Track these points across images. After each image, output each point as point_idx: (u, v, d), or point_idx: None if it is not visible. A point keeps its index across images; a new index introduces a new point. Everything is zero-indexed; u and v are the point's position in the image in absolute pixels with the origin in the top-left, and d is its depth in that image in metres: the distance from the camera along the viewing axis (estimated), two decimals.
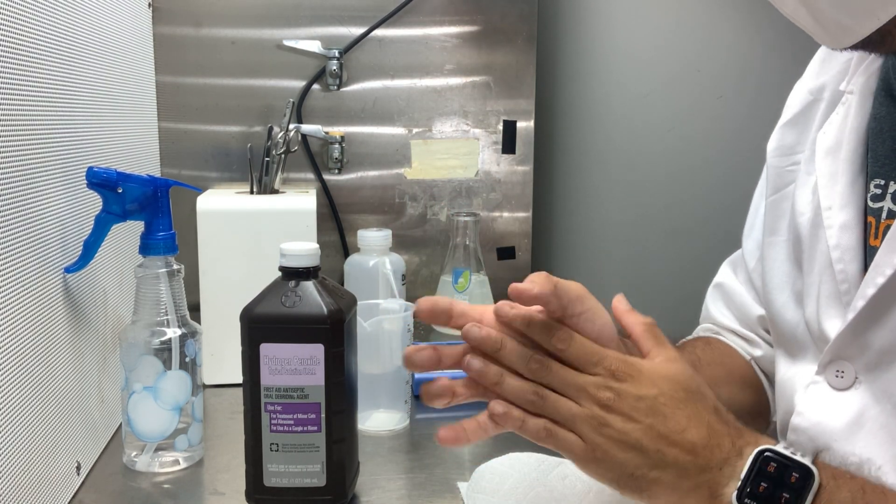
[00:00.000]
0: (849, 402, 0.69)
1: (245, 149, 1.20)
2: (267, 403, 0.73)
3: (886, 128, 0.69)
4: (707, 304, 0.91)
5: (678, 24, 1.46)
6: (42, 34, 0.74)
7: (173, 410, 0.83)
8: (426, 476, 0.84)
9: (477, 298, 1.20)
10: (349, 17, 1.28)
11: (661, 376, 0.61)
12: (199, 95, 1.27)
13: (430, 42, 1.31)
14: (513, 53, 1.32)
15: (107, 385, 0.89)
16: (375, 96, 1.31)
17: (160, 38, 1.23)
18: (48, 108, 0.75)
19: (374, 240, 1.15)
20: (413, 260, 1.35)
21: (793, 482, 0.59)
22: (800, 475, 0.59)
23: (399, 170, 1.33)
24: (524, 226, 1.37)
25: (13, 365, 0.65)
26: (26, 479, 0.67)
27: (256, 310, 0.73)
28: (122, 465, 0.85)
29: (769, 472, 0.59)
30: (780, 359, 0.79)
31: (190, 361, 0.84)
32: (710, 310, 0.90)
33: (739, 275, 0.88)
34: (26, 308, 0.68)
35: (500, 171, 1.35)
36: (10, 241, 0.66)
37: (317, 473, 0.74)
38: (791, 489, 0.58)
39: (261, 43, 1.27)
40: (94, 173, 0.79)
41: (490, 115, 1.33)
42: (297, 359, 0.72)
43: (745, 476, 0.59)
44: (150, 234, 0.82)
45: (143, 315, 0.82)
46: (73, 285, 0.79)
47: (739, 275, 0.88)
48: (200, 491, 0.81)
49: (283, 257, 0.75)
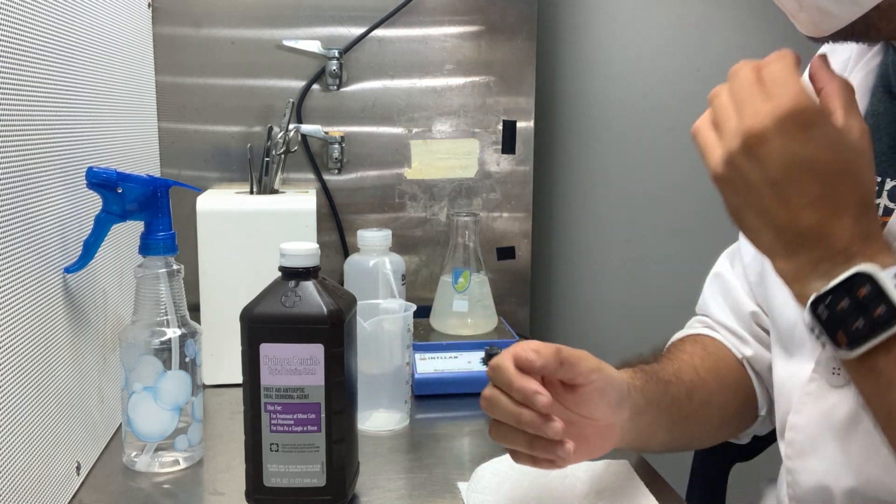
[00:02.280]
0: (845, 399, 0.69)
1: (245, 149, 1.20)
2: (267, 403, 0.73)
3: (884, 124, 0.69)
4: (705, 296, 0.92)
5: (678, 24, 1.46)
6: (42, 34, 0.74)
7: (173, 410, 0.83)
8: (426, 476, 0.84)
9: (477, 298, 1.20)
10: (349, 17, 1.28)
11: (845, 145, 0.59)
12: (199, 95, 1.27)
13: (430, 42, 1.31)
14: (513, 53, 1.32)
15: (107, 385, 0.89)
16: (375, 96, 1.31)
17: (160, 38, 1.23)
18: (48, 108, 0.75)
19: (374, 240, 1.15)
20: (413, 260, 1.35)
21: (875, 316, 0.56)
22: (885, 313, 0.56)
23: (399, 170, 1.33)
24: (524, 226, 1.37)
25: (13, 365, 0.65)
26: (26, 479, 0.67)
27: (256, 310, 0.73)
28: (122, 465, 0.85)
29: (857, 295, 0.56)
30: (778, 357, 0.79)
31: (190, 361, 0.84)
32: (708, 302, 0.90)
33: (736, 267, 0.88)
34: (26, 308, 0.68)
35: (500, 171, 1.35)
36: (10, 241, 0.66)
37: (317, 473, 0.74)
38: (868, 321, 0.56)
39: (261, 43, 1.27)
40: (93, 173, 0.79)
41: (490, 114, 1.33)
42: (296, 359, 0.72)
43: (832, 286, 0.57)
44: (150, 234, 0.82)
45: (143, 315, 0.82)
46: (73, 285, 0.79)
47: (736, 267, 0.88)
48: (200, 491, 0.81)
49: (283, 257, 0.75)
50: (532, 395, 0.64)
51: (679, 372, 0.81)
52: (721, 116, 0.61)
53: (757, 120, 0.58)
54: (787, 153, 0.58)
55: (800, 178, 0.58)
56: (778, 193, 0.59)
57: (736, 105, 0.60)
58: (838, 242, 0.58)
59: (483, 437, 0.71)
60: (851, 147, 0.59)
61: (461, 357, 1.11)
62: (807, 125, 0.57)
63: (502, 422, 0.68)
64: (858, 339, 0.56)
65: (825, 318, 0.58)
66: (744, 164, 0.59)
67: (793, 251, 0.60)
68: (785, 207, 0.59)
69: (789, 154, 0.58)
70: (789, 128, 0.57)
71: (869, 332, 0.56)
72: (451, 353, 1.12)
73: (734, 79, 0.61)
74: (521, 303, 1.39)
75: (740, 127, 0.59)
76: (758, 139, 0.58)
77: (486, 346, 1.11)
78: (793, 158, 0.58)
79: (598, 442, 0.73)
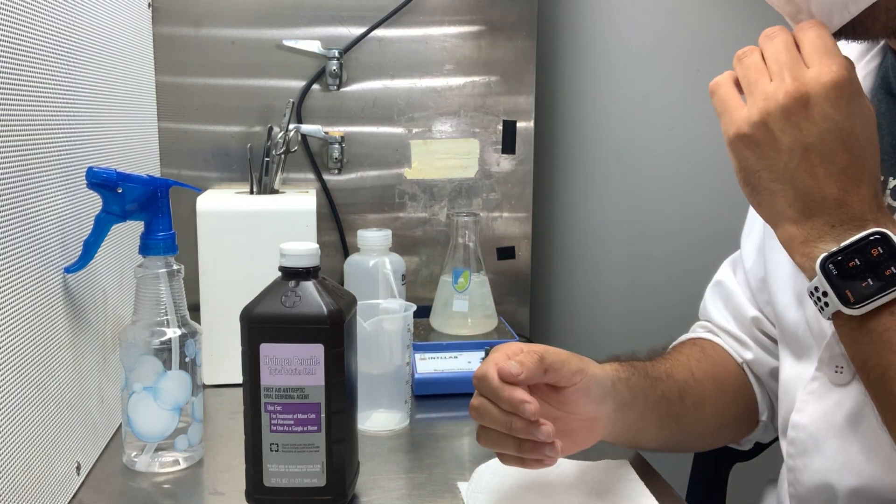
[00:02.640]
0: (848, 397, 0.69)
1: (245, 149, 1.20)
2: (267, 403, 0.73)
3: (885, 124, 0.69)
4: (706, 302, 0.92)
5: (678, 24, 1.46)
6: (42, 34, 0.74)
7: (173, 410, 0.83)
8: (426, 476, 0.84)
9: (477, 298, 1.20)
10: (349, 17, 1.28)
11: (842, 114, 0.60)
12: (199, 95, 1.27)
13: (430, 42, 1.31)
14: (513, 53, 1.32)
15: (107, 385, 0.89)
16: (375, 96, 1.30)
17: (160, 38, 1.23)
18: (48, 108, 0.75)
19: (374, 240, 1.15)
20: (413, 260, 1.35)
21: (886, 274, 0.57)
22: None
23: (399, 170, 1.33)
24: (524, 226, 1.37)
25: (13, 365, 0.65)
26: (26, 479, 0.67)
27: (256, 310, 0.73)
28: (122, 465, 0.85)
29: (871, 254, 0.58)
30: (785, 358, 0.79)
31: (190, 361, 0.83)
32: (709, 308, 0.91)
33: (738, 274, 0.88)
34: (26, 308, 0.68)
35: (500, 171, 1.35)
36: (10, 241, 0.66)
37: (317, 473, 0.74)
38: (879, 279, 0.57)
39: (261, 43, 1.27)
40: (93, 173, 0.79)
41: (490, 114, 1.33)
42: (296, 359, 0.72)
43: (846, 245, 0.58)
44: (150, 234, 0.82)
45: (143, 315, 0.82)
46: (73, 285, 0.79)
47: (738, 274, 0.88)
48: (200, 491, 0.81)
49: (283, 257, 0.75)
50: (519, 404, 0.65)
51: (671, 371, 0.82)
52: (752, 77, 0.62)
53: (800, 84, 0.59)
54: (827, 120, 0.59)
55: (832, 146, 0.59)
56: (808, 159, 0.60)
57: (774, 67, 0.61)
58: (856, 210, 0.59)
59: None
60: (876, 123, 0.61)
61: (461, 357, 1.11)
62: (850, 96, 0.59)
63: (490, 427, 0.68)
64: (866, 297, 0.58)
65: (834, 275, 0.58)
66: (777, 125, 0.60)
67: (807, 216, 0.60)
68: (810, 173, 0.60)
69: (829, 122, 0.59)
70: (833, 96, 0.59)
71: (877, 291, 0.57)
72: (451, 353, 1.12)
73: (770, 41, 0.62)
74: (521, 303, 1.39)
75: (780, 89, 0.60)
76: (799, 103, 0.59)
77: (486, 346, 1.11)
78: (830, 127, 0.59)
79: (583, 435, 0.74)
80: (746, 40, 0.66)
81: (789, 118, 0.59)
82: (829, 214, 0.60)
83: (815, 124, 0.59)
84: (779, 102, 0.60)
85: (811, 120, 0.59)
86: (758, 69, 0.62)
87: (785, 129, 0.60)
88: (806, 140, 0.59)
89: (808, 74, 0.59)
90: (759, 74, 0.62)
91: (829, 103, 0.59)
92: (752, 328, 0.86)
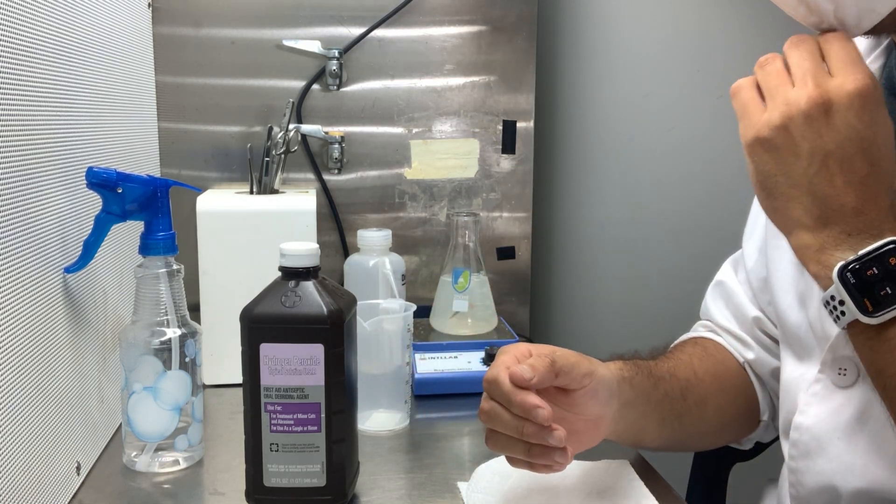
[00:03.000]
0: (851, 399, 0.69)
1: (245, 149, 1.19)
2: (267, 403, 0.73)
3: None
4: (707, 302, 0.92)
5: (678, 24, 1.46)
6: (42, 34, 0.74)
7: (173, 410, 0.83)
8: (426, 476, 0.84)
9: (477, 298, 1.20)
10: (349, 17, 1.28)
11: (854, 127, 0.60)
12: (199, 95, 1.27)
13: (430, 42, 1.31)
14: (513, 53, 1.32)
15: (107, 385, 0.89)
16: (375, 96, 1.30)
17: (160, 38, 1.23)
18: (48, 108, 0.75)
19: (374, 240, 1.15)
20: (413, 260, 1.35)
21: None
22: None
23: (399, 170, 1.33)
24: (524, 226, 1.37)
25: (13, 365, 0.65)
26: (26, 479, 0.67)
27: (256, 310, 0.73)
28: (122, 465, 0.85)
29: (889, 263, 0.58)
30: (786, 359, 0.79)
31: (190, 361, 0.83)
32: (710, 308, 0.91)
33: (739, 274, 0.88)
34: (26, 308, 0.68)
35: (500, 171, 1.35)
36: (10, 241, 0.66)
37: (317, 473, 0.74)
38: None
39: (261, 43, 1.27)
40: (93, 173, 0.79)
41: (490, 114, 1.33)
42: (296, 359, 0.72)
43: (863, 253, 0.58)
44: (150, 234, 0.82)
45: (143, 315, 0.82)
46: (73, 285, 0.79)
47: (739, 274, 0.88)
48: (200, 491, 0.81)
49: (283, 257, 0.75)
50: (532, 409, 0.65)
51: (674, 370, 0.82)
52: (774, 83, 0.62)
53: (823, 90, 0.59)
54: (849, 128, 0.59)
55: (853, 155, 0.59)
56: (828, 166, 0.59)
57: (798, 73, 0.61)
58: (873, 219, 0.59)
59: (483, 437, 0.71)
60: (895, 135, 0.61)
61: (461, 357, 1.11)
62: (873, 106, 0.59)
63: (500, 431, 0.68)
64: (885, 306, 0.58)
65: (852, 284, 0.58)
66: (798, 131, 0.60)
67: (824, 223, 0.60)
68: (828, 181, 0.60)
69: (851, 130, 0.59)
70: (856, 105, 0.59)
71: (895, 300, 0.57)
72: (451, 353, 1.12)
73: (796, 49, 0.62)
74: (521, 303, 1.39)
75: (802, 94, 0.60)
76: (821, 109, 0.59)
77: (486, 346, 1.11)
78: (852, 135, 0.59)
79: (588, 434, 0.74)
80: (746, 40, 0.66)
81: (811, 124, 0.59)
82: (846, 223, 0.59)
83: (836, 132, 0.59)
84: (801, 108, 0.59)
85: (833, 127, 0.59)
86: (780, 75, 0.62)
87: (805, 135, 0.59)
88: (826, 147, 0.59)
89: (832, 82, 0.59)
90: (781, 80, 0.61)
91: (852, 112, 0.59)
92: (754, 328, 0.86)
